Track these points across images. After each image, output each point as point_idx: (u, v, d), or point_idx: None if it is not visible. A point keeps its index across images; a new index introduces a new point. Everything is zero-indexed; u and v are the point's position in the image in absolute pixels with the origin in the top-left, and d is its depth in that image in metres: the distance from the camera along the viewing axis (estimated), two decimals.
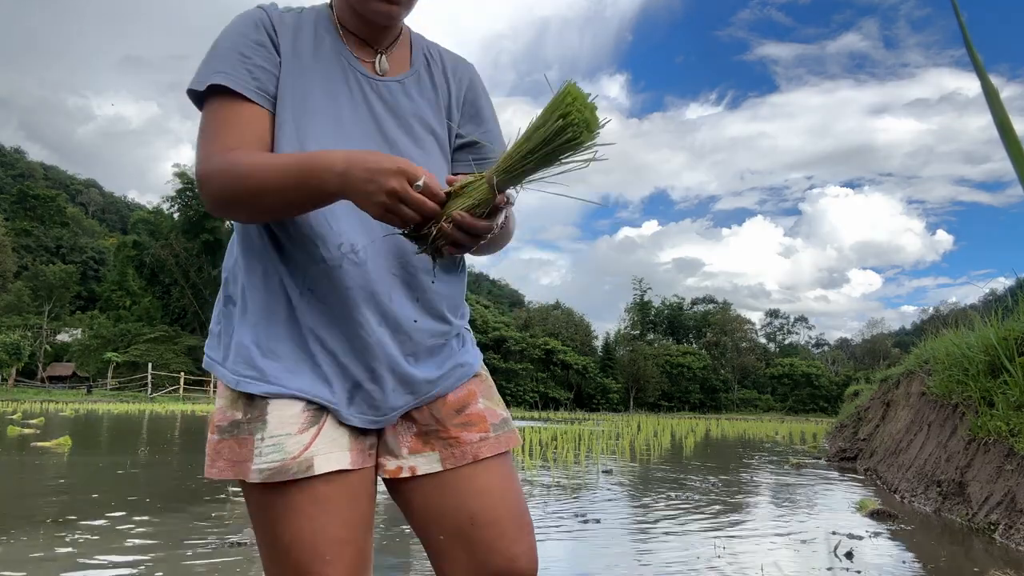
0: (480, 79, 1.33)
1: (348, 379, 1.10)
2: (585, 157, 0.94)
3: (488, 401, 1.21)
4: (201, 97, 1.10)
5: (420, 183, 0.94)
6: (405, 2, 1.16)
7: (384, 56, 1.21)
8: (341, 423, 1.10)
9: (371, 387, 1.11)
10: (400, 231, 1.02)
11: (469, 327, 1.28)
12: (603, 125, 0.94)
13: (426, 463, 1.14)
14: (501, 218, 1.01)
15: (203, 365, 1.17)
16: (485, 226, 0.98)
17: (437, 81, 1.25)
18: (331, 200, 1.00)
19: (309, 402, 1.08)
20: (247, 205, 1.02)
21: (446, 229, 0.97)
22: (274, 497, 1.05)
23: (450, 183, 1.00)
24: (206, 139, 1.07)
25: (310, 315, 1.09)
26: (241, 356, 1.09)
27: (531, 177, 0.96)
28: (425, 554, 1.19)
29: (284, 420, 1.06)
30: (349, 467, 1.08)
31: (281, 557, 1.05)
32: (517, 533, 1.13)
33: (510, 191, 0.99)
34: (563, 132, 0.91)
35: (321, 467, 1.05)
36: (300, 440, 1.05)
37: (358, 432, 1.12)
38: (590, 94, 0.93)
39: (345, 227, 1.09)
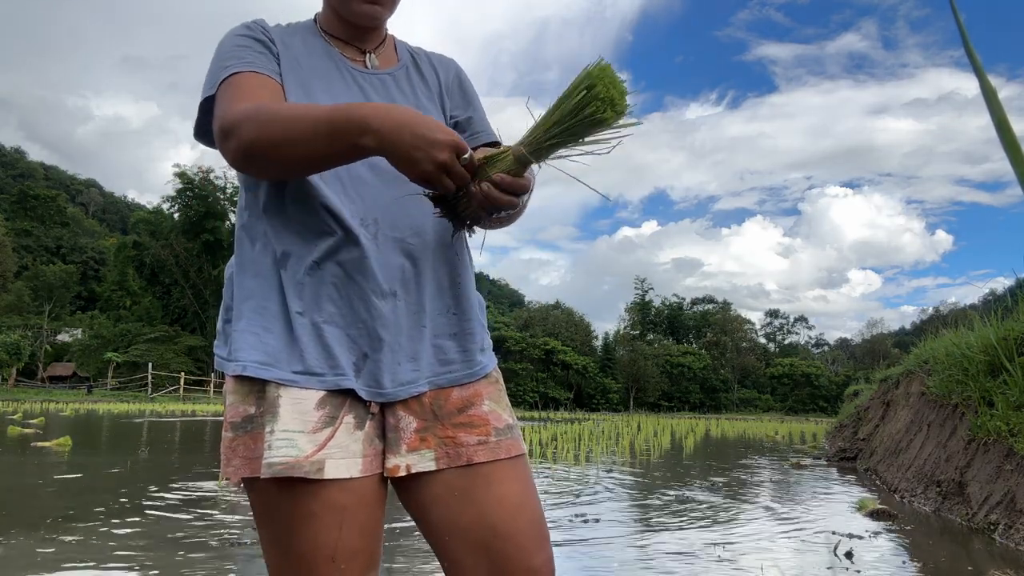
0: (463, 70, 1.37)
1: (355, 350, 1.09)
2: (608, 137, 0.93)
3: (495, 404, 1.18)
4: (210, 102, 1.11)
5: (467, 157, 0.95)
6: (387, 2, 1.19)
7: (372, 54, 1.25)
8: (356, 427, 1.08)
9: (379, 357, 1.09)
10: (425, 193, 1.02)
11: (487, 329, 1.25)
12: (631, 111, 0.92)
13: (420, 461, 1.11)
14: (530, 193, 1.02)
15: (215, 366, 1.15)
16: (522, 185, 0.98)
17: (425, 72, 1.29)
18: (365, 156, 0.99)
19: (322, 397, 1.06)
20: (274, 156, 1.00)
21: (480, 191, 0.97)
22: (288, 501, 1.03)
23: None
24: (225, 101, 1.06)
25: (317, 289, 1.08)
26: (244, 342, 1.08)
27: (555, 154, 0.96)
28: (413, 554, 1.19)
29: (297, 415, 1.04)
30: (359, 475, 1.06)
31: (294, 562, 1.05)
32: (536, 545, 1.11)
33: (532, 167, 0.99)
34: (586, 106, 0.89)
35: (331, 472, 1.03)
36: (314, 439, 1.04)
37: (370, 437, 1.10)
38: (625, 81, 0.92)
39: (363, 199, 1.09)
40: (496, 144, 1.28)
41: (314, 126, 0.97)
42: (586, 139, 0.94)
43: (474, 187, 0.98)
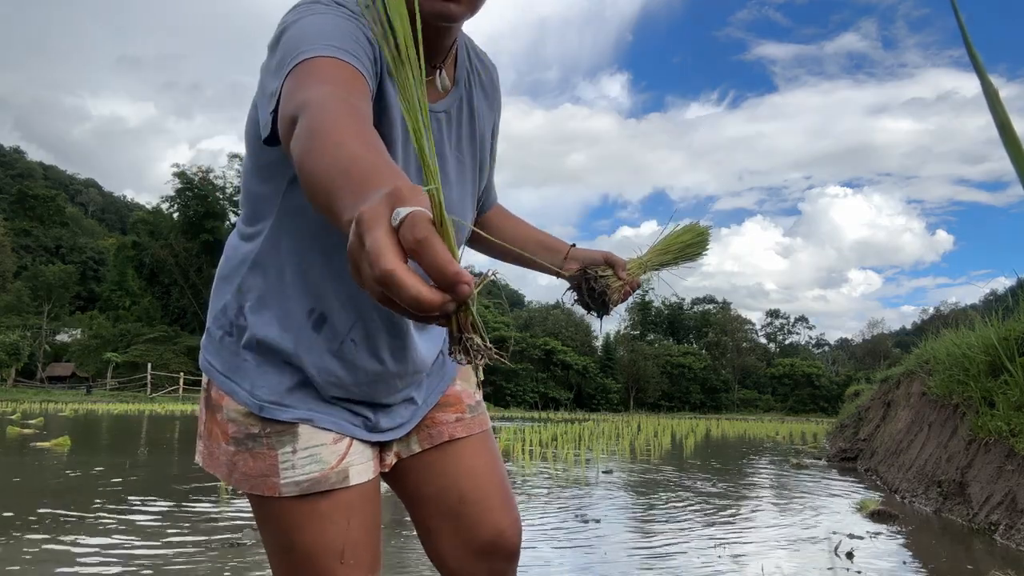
0: (500, 94, 1.26)
1: (370, 409, 1.13)
2: (693, 263, 1.36)
3: (464, 383, 1.27)
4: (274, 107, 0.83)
5: (398, 213, 0.50)
6: (468, 1, 0.97)
7: (443, 72, 1.08)
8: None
9: (382, 414, 1.15)
10: (575, 290, 1.28)
11: None
12: (709, 249, 1.37)
13: (406, 447, 1.20)
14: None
15: (200, 365, 1.13)
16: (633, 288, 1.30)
17: (476, 105, 1.15)
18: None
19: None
20: (299, 164, 0.70)
21: (627, 287, 1.28)
22: (300, 506, 1.05)
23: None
24: (293, 82, 0.79)
25: (344, 364, 1.08)
26: (260, 379, 1.06)
27: (654, 272, 1.33)
28: (415, 556, 1.23)
29: (316, 431, 1.07)
30: (373, 476, 1.12)
31: (302, 562, 1.05)
32: (503, 507, 1.20)
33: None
34: (694, 249, 1.34)
35: (355, 478, 1.08)
36: (336, 450, 1.07)
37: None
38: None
39: None
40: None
41: (333, 173, 0.65)
42: (678, 264, 1.35)
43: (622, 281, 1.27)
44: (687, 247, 1.32)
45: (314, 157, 0.68)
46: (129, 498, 5.20)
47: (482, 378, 1.34)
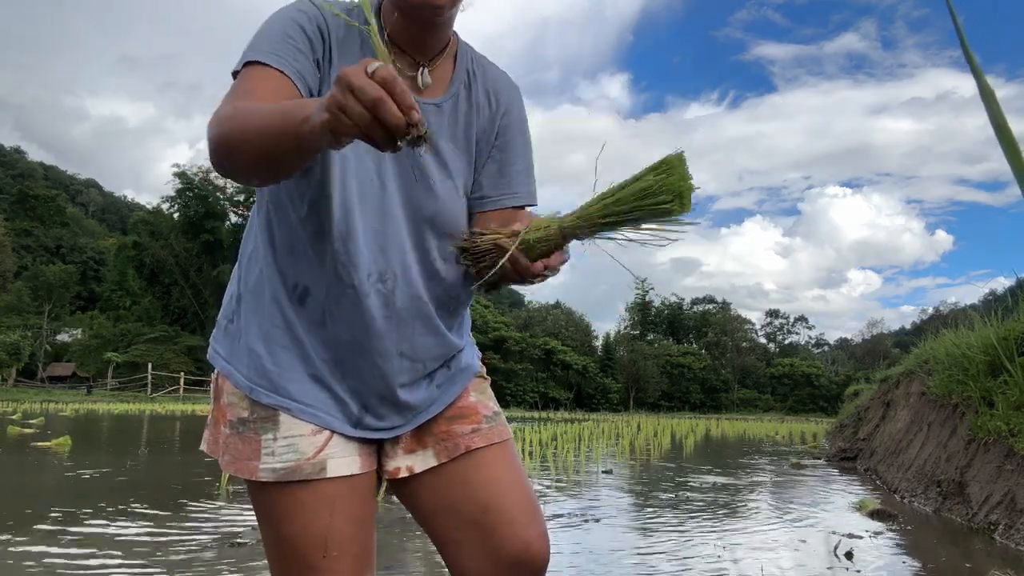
0: (521, 105, 1.26)
1: (356, 400, 1.13)
2: (660, 230, 0.93)
3: (480, 395, 1.24)
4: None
5: (372, 67, 0.73)
6: None
7: (427, 69, 1.12)
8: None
9: (376, 408, 1.14)
10: (458, 253, 1.03)
11: (468, 325, 1.30)
12: (693, 212, 0.93)
13: (422, 461, 1.18)
14: (558, 263, 1.04)
15: (207, 356, 1.19)
16: (563, 261, 1.04)
17: (474, 102, 1.18)
18: (312, 144, 0.82)
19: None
20: (235, 151, 0.90)
21: (519, 260, 1.01)
22: (283, 495, 1.08)
23: (520, 220, 1.09)
24: (227, 97, 0.98)
25: (326, 335, 1.11)
26: (253, 362, 1.11)
27: (607, 233, 0.96)
28: (415, 556, 1.21)
29: (297, 421, 1.10)
30: (359, 472, 1.12)
31: (288, 552, 1.08)
32: (528, 519, 1.16)
33: (568, 247, 1.01)
34: (656, 192, 0.90)
35: (334, 471, 1.09)
36: (314, 442, 1.09)
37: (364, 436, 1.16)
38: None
39: (378, 256, 1.09)
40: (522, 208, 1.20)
41: (269, 112, 0.88)
42: (641, 226, 0.94)
43: (508, 247, 0.99)
44: (646, 195, 0.90)
45: (242, 116, 0.89)
46: (129, 498, 5.20)
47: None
